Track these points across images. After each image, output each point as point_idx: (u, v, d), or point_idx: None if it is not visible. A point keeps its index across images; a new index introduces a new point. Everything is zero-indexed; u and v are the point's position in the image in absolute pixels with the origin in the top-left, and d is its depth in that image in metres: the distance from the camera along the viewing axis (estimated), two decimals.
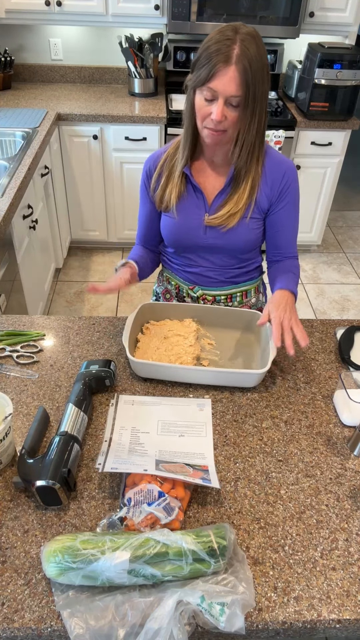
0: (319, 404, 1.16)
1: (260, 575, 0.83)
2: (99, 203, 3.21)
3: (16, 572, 0.82)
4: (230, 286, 1.44)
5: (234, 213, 1.27)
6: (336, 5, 2.86)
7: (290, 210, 1.33)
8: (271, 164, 1.28)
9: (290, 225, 1.37)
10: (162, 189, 1.32)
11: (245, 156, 1.20)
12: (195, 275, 1.43)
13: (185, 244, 1.37)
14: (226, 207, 1.27)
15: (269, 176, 1.27)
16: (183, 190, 1.30)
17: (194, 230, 1.33)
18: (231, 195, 1.27)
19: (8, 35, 3.21)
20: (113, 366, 1.16)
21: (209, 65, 1.07)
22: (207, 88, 1.09)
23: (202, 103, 1.12)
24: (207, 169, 1.30)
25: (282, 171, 1.28)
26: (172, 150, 1.32)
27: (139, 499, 0.87)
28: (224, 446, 1.05)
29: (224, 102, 1.09)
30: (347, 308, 3.11)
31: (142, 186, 1.39)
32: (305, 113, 2.96)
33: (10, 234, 1.96)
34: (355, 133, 3.53)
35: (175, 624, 0.71)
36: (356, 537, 0.89)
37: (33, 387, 1.17)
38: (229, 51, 1.05)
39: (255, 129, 1.16)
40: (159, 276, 1.59)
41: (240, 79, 1.06)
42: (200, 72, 1.09)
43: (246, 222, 1.30)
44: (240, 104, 1.10)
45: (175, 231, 1.35)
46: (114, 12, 2.84)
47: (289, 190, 1.30)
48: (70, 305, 2.99)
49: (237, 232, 1.31)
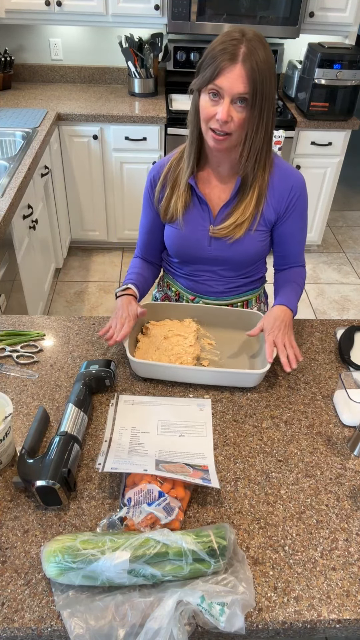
0: (319, 404, 1.16)
1: (260, 575, 0.83)
2: (99, 203, 3.21)
3: (16, 572, 0.82)
4: (232, 296, 1.42)
5: (241, 223, 1.24)
6: (336, 5, 2.86)
7: (298, 223, 1.31)
8: (279, 175, 1.24)
9: (298, 237, 1.35)
10: (166, 200, 1.29)
11: (253, 162, 1.16)
12: (197, 284, 1.41)
13: (190, 255, 1.35)
14: (232, 217, 1.24)
15: (276, 188, 1.24)
16: (189, 201, 1.27)
17: (199, 242, 1.30)
18: (237, 205, 1.24)
19: (8, 35, 3.21)
20: (113, 366, 1.16)
21: (214, 64, 1.04)
22: (212, 86, 1.06)
23: (207, 104, 1.09)
24: (212, 180, 1.27)
25: (290, 184, 1.24)
26: (176, 159, 1.29)
27: (139, 499, 0.87)
28: (224, 446, 1.05)
29: (230, 101, 1.06)
30: (347, 308, 3.11)
31: (146, 195, 1.36)
32: (305, 113, 2.96)
33: (10, 234, 1.96)
34: (355, 133, 3.53)
35: (175, 624, 0.71)
36: (356, 537, 0.89)
37: (33, 387, 1.17)
38: (235, 50, 1.03)
39: (262, 132, 1.11)
40: (159, 281, 1.57)
41: (247, 76, 1.03)
42: (206, 72, 1.06)
43: (252, 234, 1.27)
44: (246, 104, 1.07)
45: (179, 243, 1.33)
46: (114, 12, 2.84)
47: (297, 203, 1.27)
48: (70, 305, 2.99)
49: (243, 244, 1.28)
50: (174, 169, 1.28)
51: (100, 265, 3.37)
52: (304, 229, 1.34)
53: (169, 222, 1.33)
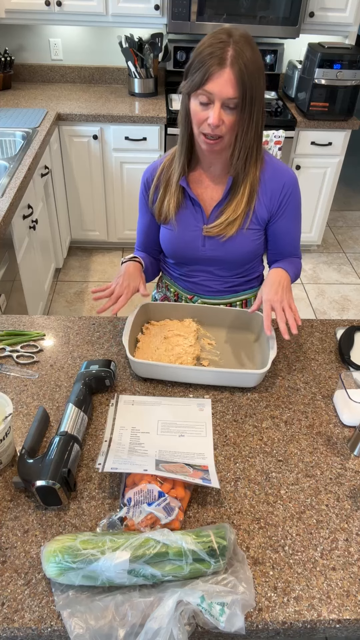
0: (319, 404, 1.16)
1: (260, 575, 0.83)
2: (99, 203, 3.21)
3: (16, 572, 0.82)
4: (230, 295, 1.43)
5: (233, 220, 1.25)
6: (336, 5, 2.85)
7: (292, 220, 1.31)
8: (271, 173, 1.25)
9: (292, 234, 1.35)
10: (160, 201, 1.30)
11: (243, 160, 1.18)
12: (195, 285, 1.42)
13: (185, 256, 1.36)
14: (224, 214, 1.25)
15: (268, 186, 1.25)
16: (181, 202, 1.28)
17: (193, 243, 1.31)
18: (229, 203, 1.25)
19: (8, 35, 3.21)
20: (113, 366, 1.16)
21: (203, 69, 1.04)
22: (202, 91, 1.06)
23: (197, 108, 1.10)
24: (204, 180, 1.28)
25: (282, 182, 1.25)
26: (169, 160, 1.29)
27: (139, 499, 0.87)
28: (224, 446, 1.05)
29: (221, 105, 1.07)
30: (347, 308, 3.11)
31: (141, 197, 1.37)
32: (305, 113, 2.96)
33: (10, 234, 1.96)
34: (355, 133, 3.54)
35: (175, 624, 0.71)
36: (356, 537, 0.89)
37: (33, 387, 1.17)
38: (222, 54, 1.03)
39: (253, 132, 1.13)
40: (158, 282, 1.58)
41: (236, 80, 1.04)
42: (195, 77, 1.07)
43: (244, 232, 1.28)
44: (237, 107, 1.07)
45: (173, 243, 1.34)
46: (114, 12, 2.84)
47: (289, 200, 1.27)
48: (70, 305, 2.99)
49: (236, 243, 1.29)
50: (167, 170, 1.29)
51: (100, 265, 3.37)
52: (298, 226, 1.35)
53: (164, 223, 1.34)
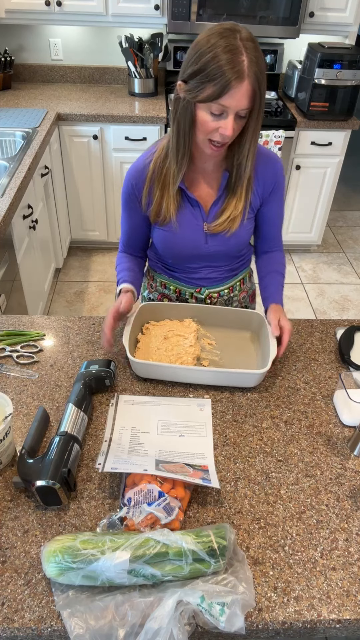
0: (319, 404, 1.16)
1: (260, 575, 0.83)
2: (99, 203, 3.21)
3: (16, 572, 0.82)
4: (231, 279, 1.46)
5: (235, 217, 1.26)
6: (336, 5, 2.85)
7: (280, 205, 1.36)
8: (262, 162, 1.26)
9: (279, 218, 1.40)
10: (157, 204, 1.26)
11: (245, 159, 1.18)
12: (199, 279, 1.42)
13: (187, 255, 1.35)
14: (226, 212, 1.26)
15: (260, 175, 1.27)
16: (180, 203, 1.27)
17: (195, 241, 1.31)
18: (229, 200, 1.26)
19: (8, 35, 3.21)
20: (113, 366, 1.16)
21: (221, 81, 0.99)
22: (216, 104, 1.03)
23: (207, 118, 1.07)
24: (200, 179, 1.27)
25: (273, 170, 1.28)
26: (160, 158, 1.23)
27: (139, 499, 0.87)
28: (224, 446, 1.05)
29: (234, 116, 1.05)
30: (347, 308, 3.11)
31: (127, 199, 1.32)
32: (305, 113, 2.96)
33: (10, 234, 1.96)
34: (355, 133, 3.54)
35: (175, 624, 0.71)
36: (356, 537, 0.89)
37: (33, 387, 1.17)
38: (240, 65, 0.98)
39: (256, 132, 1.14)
40: (150, 283, 1.53)
41: (252, 92, 1.02)
42: (206, 87, 1.01)
43: (244, 223, 1.30)
44: (247, 115, 1.07)
45: (175, 244, 1.33)
46: (114, 12, 2.84)
47: (279, 186, 1.31)
48: (70, 305, 2.99)
49: (237, 235, 1.31)
50: (159, 170, 1.24)
51: (100, 265, 3.37)
52: (283, 209, 1.40)
53: (161, 225, 1.31)
